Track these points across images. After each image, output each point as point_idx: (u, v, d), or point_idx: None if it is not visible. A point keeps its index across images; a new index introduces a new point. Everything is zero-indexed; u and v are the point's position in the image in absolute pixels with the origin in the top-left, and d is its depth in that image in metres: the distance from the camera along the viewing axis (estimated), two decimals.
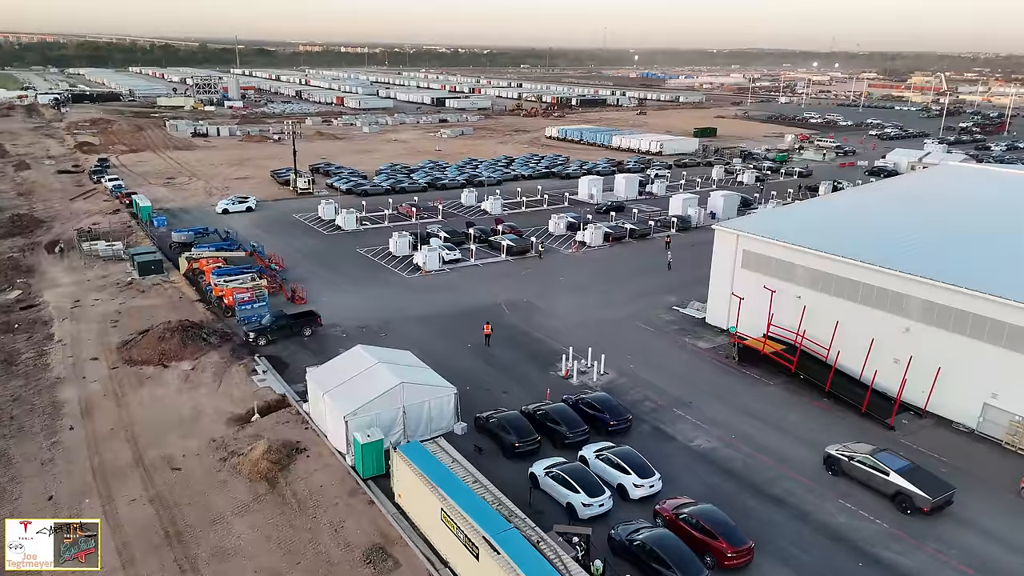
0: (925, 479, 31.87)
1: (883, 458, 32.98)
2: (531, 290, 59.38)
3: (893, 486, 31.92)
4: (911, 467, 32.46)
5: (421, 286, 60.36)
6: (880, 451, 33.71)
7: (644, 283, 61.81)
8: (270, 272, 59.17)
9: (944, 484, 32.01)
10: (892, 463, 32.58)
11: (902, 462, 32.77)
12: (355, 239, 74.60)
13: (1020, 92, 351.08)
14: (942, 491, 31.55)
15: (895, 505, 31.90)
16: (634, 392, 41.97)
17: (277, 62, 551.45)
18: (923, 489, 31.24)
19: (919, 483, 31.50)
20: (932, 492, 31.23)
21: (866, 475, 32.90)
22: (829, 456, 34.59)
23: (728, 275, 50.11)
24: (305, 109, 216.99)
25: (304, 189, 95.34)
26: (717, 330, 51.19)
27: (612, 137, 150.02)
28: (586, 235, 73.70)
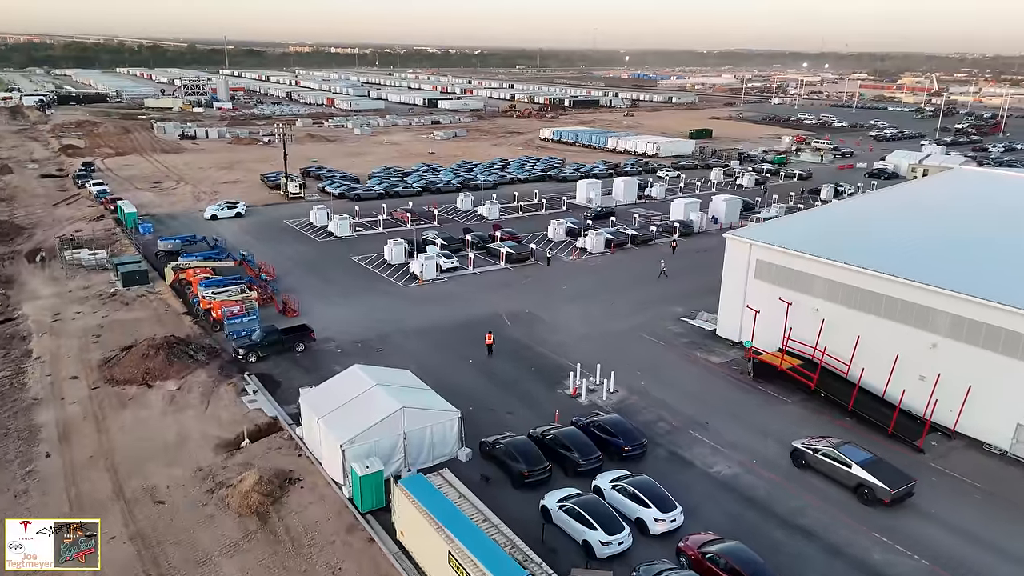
0: (886, 471, 32.43)
1: (846, 451, 33.67)
2: (532, 300, 57.13)
3: (855, 478, 32.56)
4: (873, 460, 33.09)
5: (418, 296, 58.01)
6: (844, 444, 34.42)
7: (648, 292, 59.66)
8: (260, 283, 56.69)
9: (904, 476, 32.60)
10: (854, 455, 33.27)
11: (864, 455, 33.44)
12: (348, 246, 72.16)
13: (1012, 93, 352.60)
14: (903, 483, 32.11)
15: (857, 497, 32.43)
16: (647, 412, 39.76)
17: (267, 63, 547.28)
18: (884, 481, 31.74)
19: (880, 475, 32.04)
20: (892, 484, 31.70)
21: (830, 468, 33.58)
22: (795, 450, 35.12)
23: (740, 286, 48.00)
24: (295, 110, 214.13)
25: (295, 194, 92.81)
26: (729, 343, 49.07)
27: (608, 139, 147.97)
28: (587, 241, 71.50)
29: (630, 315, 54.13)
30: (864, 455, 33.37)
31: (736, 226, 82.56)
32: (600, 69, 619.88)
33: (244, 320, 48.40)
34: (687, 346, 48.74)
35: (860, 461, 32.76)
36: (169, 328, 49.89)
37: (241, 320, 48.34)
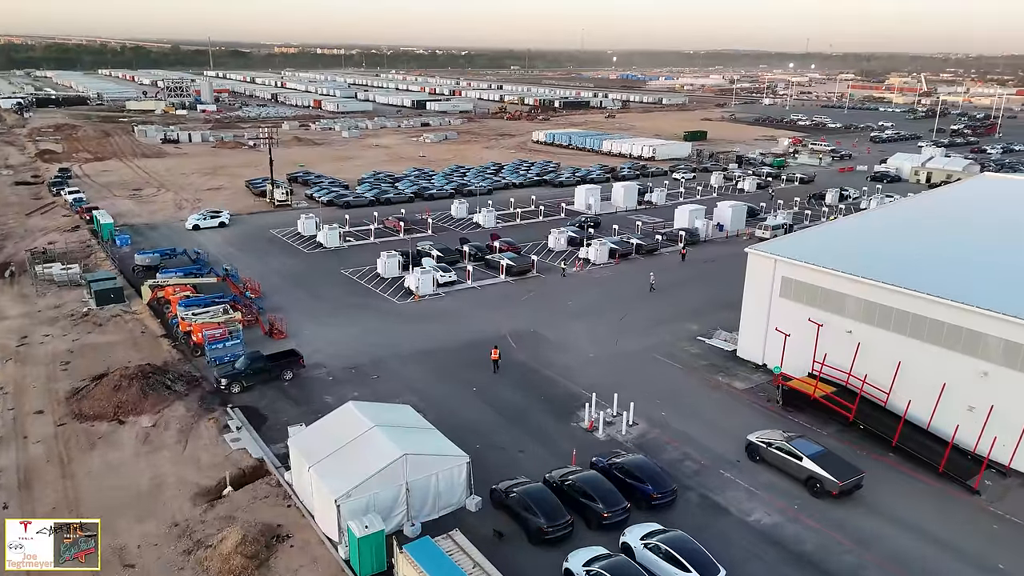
0: (835, 464, 32.79)
1: (798, 444, 33.99)
2: (536, 317, 53.53)
3: (806, 471, 32.83)
4: (823, 453, 33.41)
5: (414, 314, 54.28)
6: (797, 437, 34.91)
7: (659, 307, 56.21)
8: (245, 301, 52.78)
9: (853, 468, 32.90)
10: (806, 449, 33.50)
11: (816, 448, 33.76)
12: (338, 258, 68.31)
13: (1002, 93, 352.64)
14: (850, 475, 32.39)
15: (807, 489, 32.71)
16: (671, 448, 36.22)
17: (252, 64, 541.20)
18: (832, 474, 32.04)
19: (829, 468, 32.35)
20: (841, 476, 31.97)
21: (782, 461, 33.84)
22: (750, 444, 35.42)
23: (763, 305, 44.61)
24: (281, 113, 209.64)
25: (282, 201, 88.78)
26: (751, 366, 45.63)
27: (602, 142, 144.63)
28: (590, 252, 67.97)
29: (642, 334, 50.62)
30: (815, 448, 33.62)
31: (742, 233, 79.54)
32: (588, 70, 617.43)
33: (227, 345, 44.54)
34: (707, 369, 45.25)
35: (811, 454, 33.02)
36: (145, 353, 45.97)
37: (224, 345, 44.46)
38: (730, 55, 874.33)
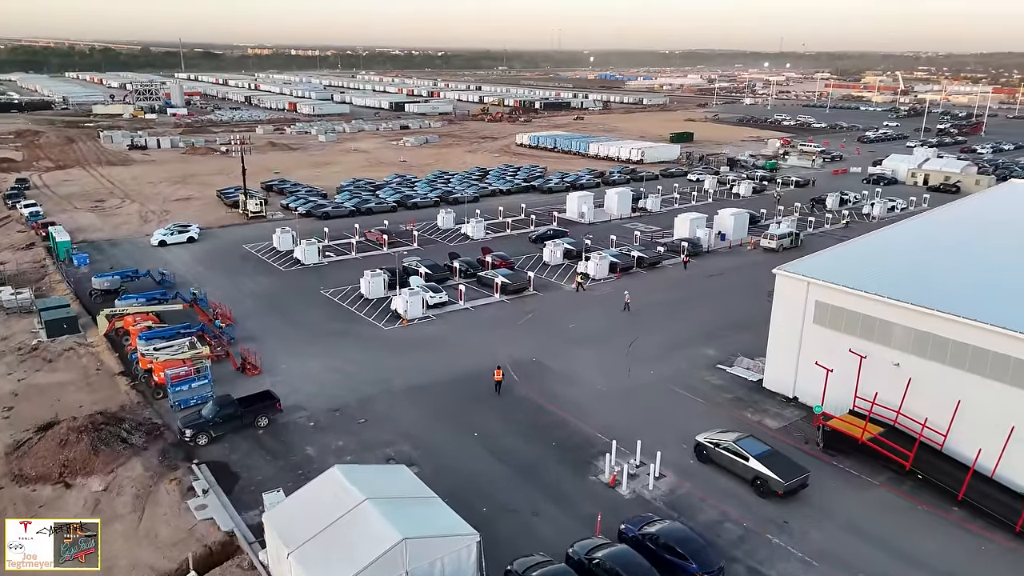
0: (781, 464, 32.39)
1: (745, 444, 33.54)
2: (537, 343, 48.74)
3: (752, 471, 32.46)
4: (769, 452, 33.04)
5: (403, 341, 49.23)
6: (745, 438, 34.30)
7: (671, 329, 51.68)
8: (214, 331, 47.42)
9: (798, 468, 32.58)
10: (752, 448, 33.10)
11: (763, 448, 33.36)
12: (318, 276, 63.08)
13: (979, 91, 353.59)
14: (795, 475, 32.08)
15: (754, 490, 32.32)
16: (706, 507, 31.61)
17: (224, 65, 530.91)
18: (778, 473, 31.66)
19: (775, 467, 31.97)
20: (786, 476, 31.62)
21: (729, 461, 33.47)
22: (698, 444, 35.03)
23: (794, 332, 40.22)
24: (255, 116, 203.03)
25: (256, 213, 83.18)
26: (780, 399, 41.21)
27: (589, 144, 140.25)
28: (589, 266, 63.32)
29: (655, 361, 46.03)
30: (762, 448, 33.26)
31: (745, 243, 75.40)
32: (565, 70, 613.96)
33: (193, 386, 39.32)
34: (733, 404, 40.73)
35: (757, 454, 32.66)
36: (99, 395, 40.60)
37: (190, 386, 39.24)
38: (705, 54, 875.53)
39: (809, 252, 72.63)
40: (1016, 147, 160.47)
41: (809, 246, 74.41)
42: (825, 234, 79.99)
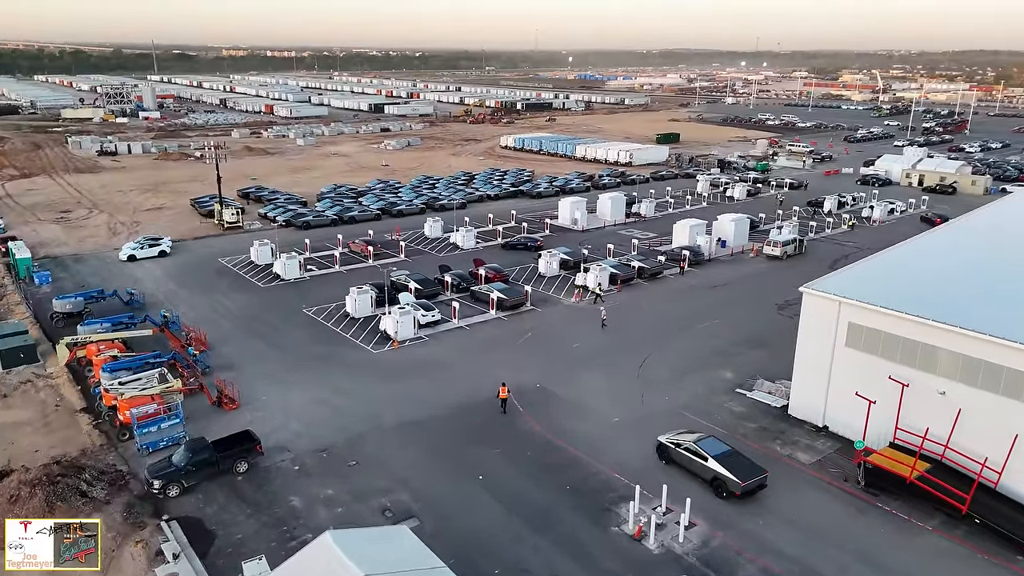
0: (739, 464, 32.09)
1: (705, 444, 33.33)
2: (540, 366, 45.13)
3: (711, 471, 32.24)
4: (729, 453, 32.86)
5: (394, 366, 45.39)
6: (705, 438, 34.08)
7: (680, 348, 48.29)
8: (187, 359, 43.29)
9: (756, 468, 32.25)
10: (712, 449, 32.90)
11: (723, 448, 33.14)
12: (299, 292, 59.04)
13: (958, 88, 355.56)
14: (753, 475, 31.78)
15: (713, 490, 32.08)
16: (746, 563, 28.12)
17: (198, 67, 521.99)
18: (735, 474, 31.40)
19: (732, 468, 31.70)
20: (744, 477, 31.38)
21: (689, 461, 33.26)
22: (660, 444, 34.71)
23: (824, 356, 36.95)
24: (231, 119, 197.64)
25: (232, 223, 78.82)
26: (809, 428, 37.91)
27: (576, 147, 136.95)
28: (588, 278, 59.82)
29: (669, 386, 42.58)
30: (722, 448, 33.08)
31: (747, 250, 72.35)
32: (544, 70, 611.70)
33: (163, 426, 35.29)
34: (759, 435, 37.35)
35: (716, 455, 32.44)
36: (58, 437, 36.46)
37: (159, 427, 35.21)
38: (682, 54, 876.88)
39: (814, 259, 70.70)
40: (1003, 145, 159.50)
41: (813, 253, 71.77)
42: (827, 239, 77.20)
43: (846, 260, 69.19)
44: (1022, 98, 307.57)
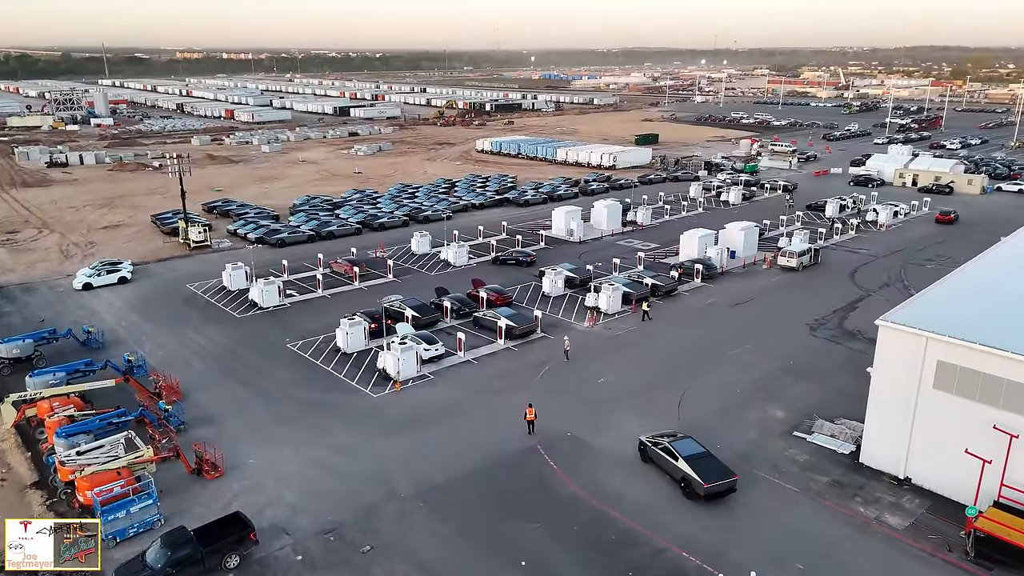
0: (708, 466, 31.59)
1: (681, 445, 32.93)
2: (566, 408, 39.73)
3: (680, 471, 31.83)
4: (702, 454, 32.30)
5: (400, 414, 39.58)
6: (683, 438, 33.65)
7: (716, 380, 43.27)
8: (158, 416, 36.96)
9: (725, 471, 31.53)
10: (685, 449, 32.51)
11: (696, 448, 32.66)
12: (280, 323, 52.84)
13: (917, 84, 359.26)
14: (720, 478, 31.15)
15: (682, 491, 31.58)
16: None
17: (152, 71, 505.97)
18: (701, 475, 30.97)
19: (700, 470, 31.22)
20: (708, 478, 30.91)
21: (663, 461, 32.97)
22: (641, 443, 34.51)
23: (906, 398, 32.16)
24: (189, 125, 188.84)
25: (199, 242, 72.00)
26: (888, 480, 33.07)
27: (557, 150, 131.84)
28: (600, 299, 54.64)
29: (717, 430, 37.43)
30: (696, 449, 32.64)
31: (759, 261, 67.83)
32: (507, 70, 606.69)
33: (132, 510, 29.07)
34: (833, 492, 32.37)
35: (688, 455, 32.03)
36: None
37: (127, 511, 28.98)
38: (644, 52, 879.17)
39: (831, 269, 65.88)
40: (982, 141, 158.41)
41: (827, 262, 67.56)
42: (839, 247, 73.08)
43: (867, 269, 65.41)
44: (984, 93, 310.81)
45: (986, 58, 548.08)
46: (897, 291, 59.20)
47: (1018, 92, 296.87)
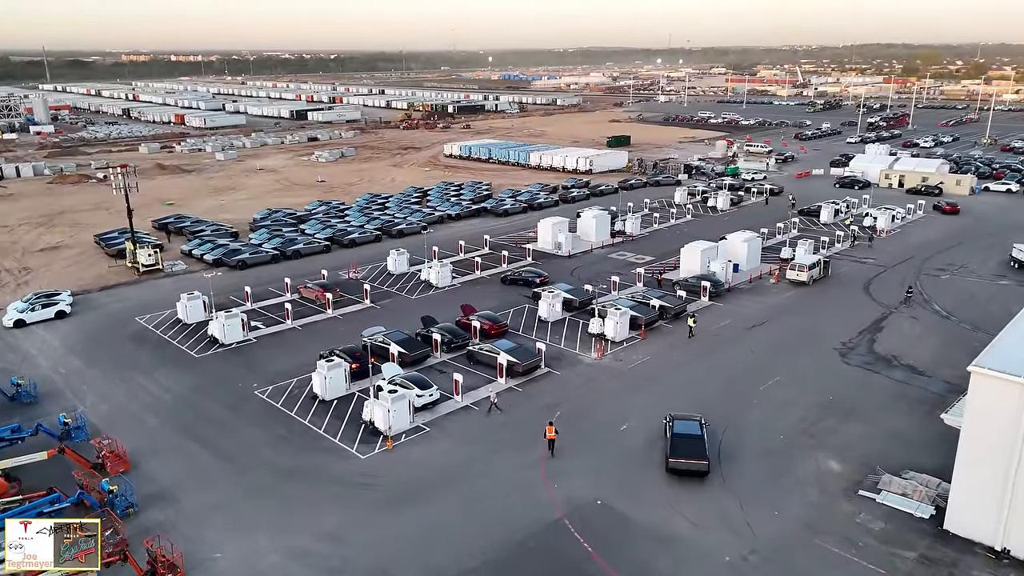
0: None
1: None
2: (589, 468, 34.02)
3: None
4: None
5: (395, 481, 33.43)
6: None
7: (755, 426, 37.99)
8: (100, 499, 30.17)
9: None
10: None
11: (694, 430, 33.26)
12: (246, 363, 46.22)
13: (871, 82, 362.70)
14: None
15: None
16: None
17: (97, 75, 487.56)
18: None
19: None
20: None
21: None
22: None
23: (1006, 457, 27.21)
24: (136, 131, 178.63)
25: (149, 265, 64.61)
26: (981, 552, 28.08)
27: (530, 154, 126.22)
28: (606, 326, 49.11)
29: (769, 492, 32.06)
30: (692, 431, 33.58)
31: (764, 274, 63.04)
32: (465, 70, 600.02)
33: None
34: (921, 572, 27.22)
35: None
36: None
37: None
38: (600, 52, 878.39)
39: (843, 283, 60.47)
40: (954, 139, 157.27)
41: (837, 274, 63.10)
42: (844, 256, 68.73)
43: (880, 281, 61.11)
44: (939, 90, 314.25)
45: (935, 55, 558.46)
46: (920, 306, 54.94)
47: (972, 89, 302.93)
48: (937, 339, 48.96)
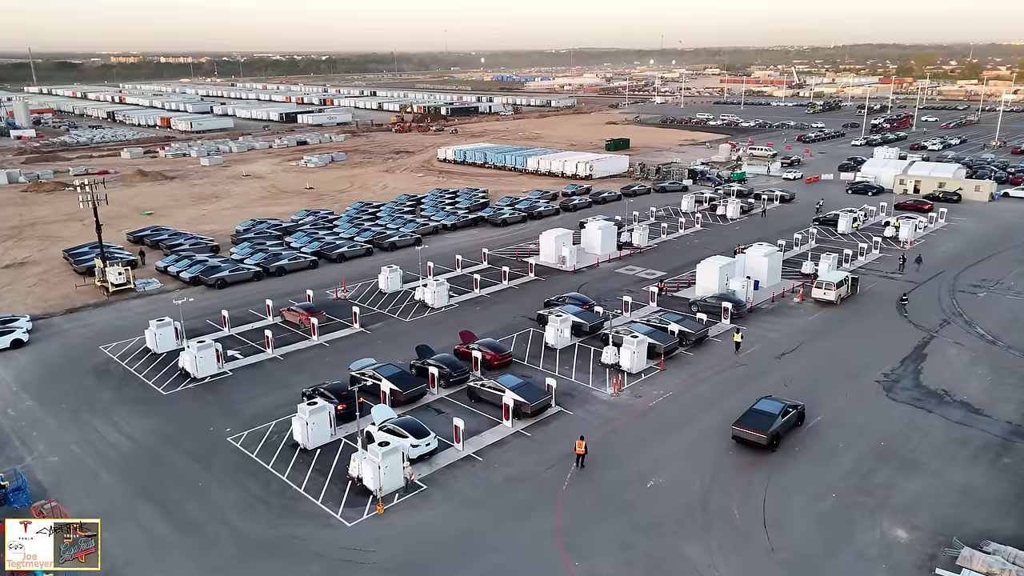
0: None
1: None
2: (614, 535, 29.14)
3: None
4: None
5: (389, 559, 28.35)
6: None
7: (800, 482, 33.13)
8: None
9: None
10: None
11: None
12: (220, 401, 41.13)
13: (867, 82, 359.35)
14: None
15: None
16: None
17: (85, 77, 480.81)
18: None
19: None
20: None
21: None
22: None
23: None
24: (121, 135, 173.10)
25: (120, 285, 59.40)
26: None
27: (527, 159, 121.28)
28: (622, 356, 44.20)
29: (827, 567, 27.26)
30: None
31: (788, 292, 58.26)
32: (458, 72, 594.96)
33: None
34: None
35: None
36: None
37: None
38: (593, 53, 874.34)
39: (873, 301, 54.36)
40: (961, 141, 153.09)
41: (865, 292, 58.34)
42: (869, 270, 63.98)
43: (913, 300, 56.32)
44: (936, 91, 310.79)
45: (929, 55, 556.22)
46: (962, 329, 50.23)
47: (970, 89, 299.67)
48: (987, 369, 44.21)
